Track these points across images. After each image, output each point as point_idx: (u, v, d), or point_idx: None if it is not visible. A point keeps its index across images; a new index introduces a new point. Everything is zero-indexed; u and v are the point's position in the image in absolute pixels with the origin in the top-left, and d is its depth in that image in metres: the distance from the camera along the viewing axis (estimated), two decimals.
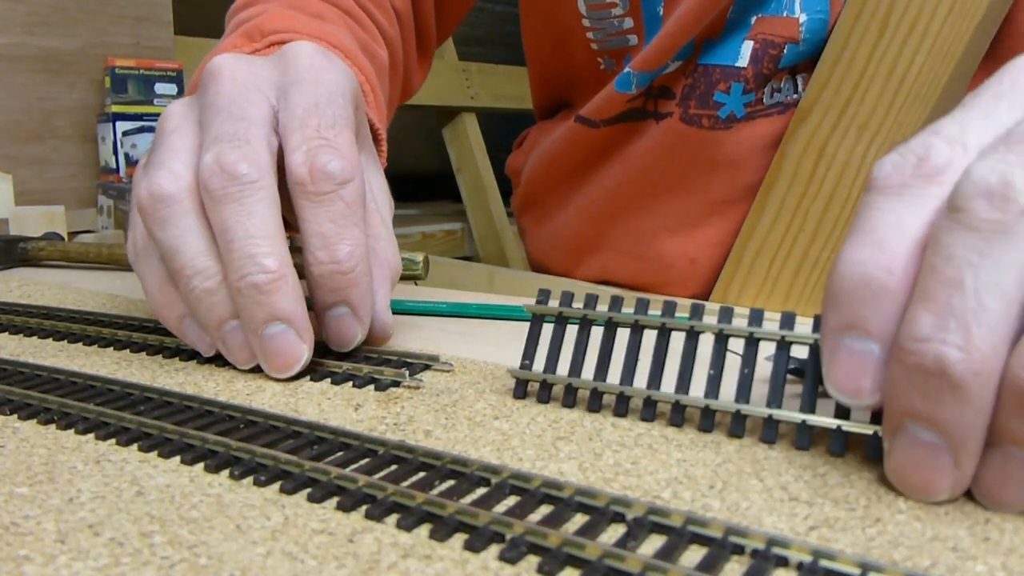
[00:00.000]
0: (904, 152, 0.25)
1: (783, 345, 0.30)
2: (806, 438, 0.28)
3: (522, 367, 0.34)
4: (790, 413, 0.29)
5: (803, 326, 0.30)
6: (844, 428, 0.27)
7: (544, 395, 0.33)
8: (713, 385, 0.30)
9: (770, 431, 0.29)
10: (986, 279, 0.22)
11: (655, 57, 0.55)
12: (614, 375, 0.32)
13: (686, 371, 0.31)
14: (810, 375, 0.29)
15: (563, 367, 0.33)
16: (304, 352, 0.35)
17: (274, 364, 0.35)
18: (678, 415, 0.31)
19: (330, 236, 0.35)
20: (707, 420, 0.30)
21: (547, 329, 0.34)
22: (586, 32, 0.60)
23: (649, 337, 0.32)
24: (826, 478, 0.27)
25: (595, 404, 0.32)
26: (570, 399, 0.33)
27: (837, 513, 0.24)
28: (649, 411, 0.31)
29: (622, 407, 0.32)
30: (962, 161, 0.24)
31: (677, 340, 0.31)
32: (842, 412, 0.28)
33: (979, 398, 0.22)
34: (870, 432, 0.27)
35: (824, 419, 0.28)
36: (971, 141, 0.24)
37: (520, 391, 0.34)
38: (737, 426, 0.30)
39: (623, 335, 0.32)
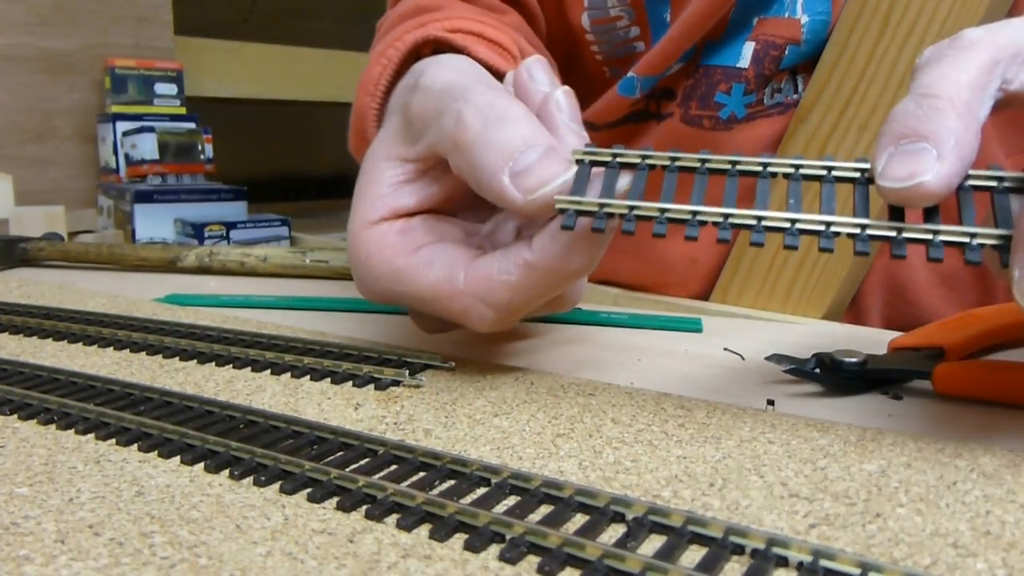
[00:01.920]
0: None
1: (828, 178, 0.30)
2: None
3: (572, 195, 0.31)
4: (848, 219, 0.28)
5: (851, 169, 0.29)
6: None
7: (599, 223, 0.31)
8: (762, 199, 0.30)
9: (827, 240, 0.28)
10: None
11: (659, 61, 0.55)
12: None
13: (730, 197, 0.30)
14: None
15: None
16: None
17: None
18: (724, 231, 0.30)
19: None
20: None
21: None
22: (590, 45, 0.60)
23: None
24: (826, 472, 0.27)
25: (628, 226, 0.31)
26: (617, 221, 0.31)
27: (837, 509, 0.24)
28: (693, 229, 0.30)
29: (661, 227, 0.30)
30: None
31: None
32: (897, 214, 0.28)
33: None
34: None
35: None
36: None
37: (570, 220, 0.31)
38: (792, 238, 0.29)
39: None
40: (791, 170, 0.30)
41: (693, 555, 0.22)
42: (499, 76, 0.41)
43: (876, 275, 0.56)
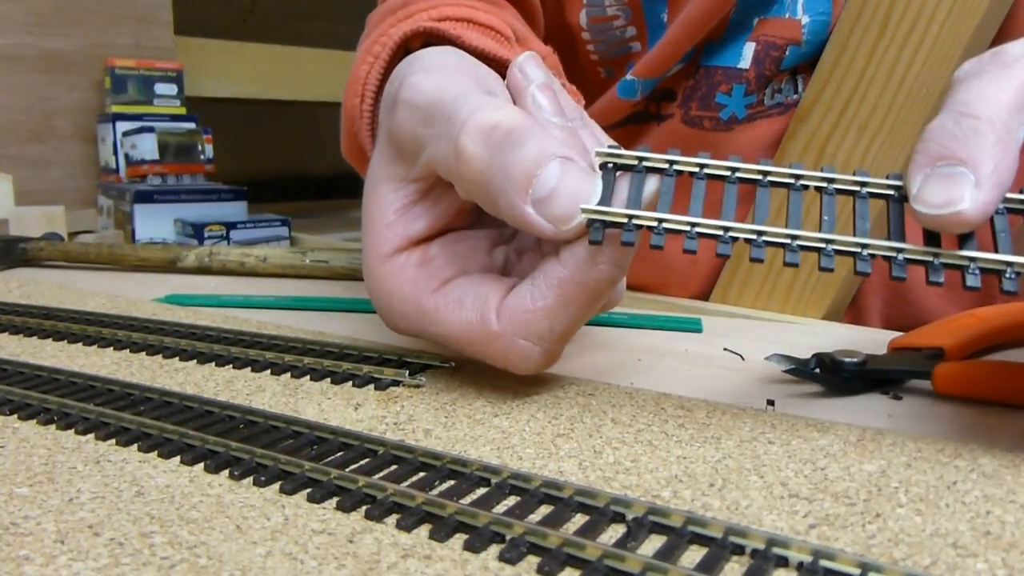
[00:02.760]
0: None
1: (862, 193, 0.30)
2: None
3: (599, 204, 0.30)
4: (884, 242, 0.28)
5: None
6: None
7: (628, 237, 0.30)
8: (795, 215, 0.29)
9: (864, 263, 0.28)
10: None
11: (658, 64, 0.55)
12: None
13: (762, 207, 0.30)
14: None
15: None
16: None
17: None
18: (758, 249, 0.29)
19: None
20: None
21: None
22: (586, 44, 0.60)
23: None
24: (826, 472, 0.27)
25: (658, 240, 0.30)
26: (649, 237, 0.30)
27: (837, 509, 0.24)
28: (725, 246, 0.29)
29: (692, 243, 0.30)
30: None
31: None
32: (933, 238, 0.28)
33: None
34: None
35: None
36: None
37: (597, 235, 0.30)
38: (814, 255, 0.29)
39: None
40: (824, 184, 0.30)
41: (693, 555, 0.22)
42: (492, 61, 0.40)
43: (876, 275, 0.56)
